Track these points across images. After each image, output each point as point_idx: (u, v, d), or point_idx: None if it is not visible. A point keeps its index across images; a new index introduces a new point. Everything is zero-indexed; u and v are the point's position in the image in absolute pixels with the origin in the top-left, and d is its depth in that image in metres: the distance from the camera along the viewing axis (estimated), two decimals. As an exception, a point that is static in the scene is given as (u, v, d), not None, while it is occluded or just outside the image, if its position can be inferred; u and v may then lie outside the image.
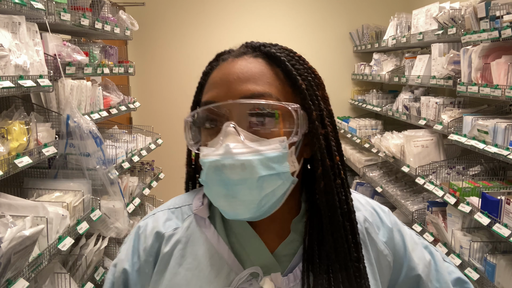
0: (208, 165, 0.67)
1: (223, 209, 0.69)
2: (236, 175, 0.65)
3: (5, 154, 1.72)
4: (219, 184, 0.67)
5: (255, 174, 0.65)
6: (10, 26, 1.85)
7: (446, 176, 2.72)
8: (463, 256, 2.43)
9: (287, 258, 0.75)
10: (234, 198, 0.67)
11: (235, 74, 0.71)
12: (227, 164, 0.65)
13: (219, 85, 0.72)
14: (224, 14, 4.73)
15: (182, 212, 0.80)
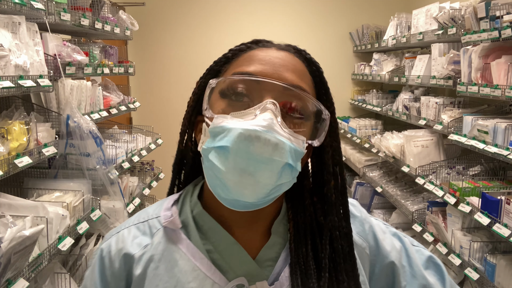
0: (240, 132, 0.60)
1: (230, 184, 0.62)
2: (266, 153, 0.60)
3: (5, 154, 1.72)
4: (242, 155, 0.60)
5: (284, 159, 0.62)
6: (10, 26, 1.85)
7: (446, 176, 2.72)
8: (463, 256, 2.43)
9: (270, 263, 0.71)
10: (251, 176, 0.61)
11: (283, 60, 0.69)
12: (262, 138, 0.60)
13: (265, 62, 0.68)
14: (224, 13, 4.73)
15: (149, 226, 0.73)
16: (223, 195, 0.65)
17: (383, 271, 0.78)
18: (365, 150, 4.33)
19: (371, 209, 3.96)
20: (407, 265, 0.78)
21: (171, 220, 0.72)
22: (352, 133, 4.38)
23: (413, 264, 0.78)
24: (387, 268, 0.78)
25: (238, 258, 0.69)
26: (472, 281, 2.39)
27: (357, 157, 4.32)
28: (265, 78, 0.66)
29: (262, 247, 0.71)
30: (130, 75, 3.45)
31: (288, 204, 0.76)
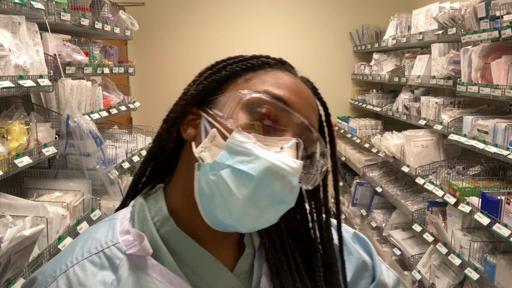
0: (269, 166, 0.57)
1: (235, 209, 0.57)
2: (284, 194, 0.58)
3: (5, 154, 1.71)
4: (263, 189, 0.57)
5: (293, 203, 0.61)
6: (10, 26, 1.85)
7: (446, 176, 2.72)
8: (463, 256, 2.43)
9: (245, 275, 0.68)
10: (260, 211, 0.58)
11: (309, 98, 0.67)
12: (287, 179, 0.58)
13: (296, 93, 0.65)
14: (224, 13, 4.73)
15: (108, 257, 0.60)
16: (220, 217, 0.58)
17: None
18: (365, 150, 4.33)
19: (371, 209, 3.96)
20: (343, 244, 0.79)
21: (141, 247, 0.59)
22: (352, 133, 4.38)
23: (346, 242, 0.79)
24: None
25: (219, 276, 0.64)
26: (472, 281, 2.39)
27: (357, 157, 4.32)
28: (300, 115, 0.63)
29: (236, 260, 0.68)
30: (130, 75, 3.45)
31: None
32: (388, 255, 3.45)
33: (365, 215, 4.04)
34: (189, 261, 0.63)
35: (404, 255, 3.20)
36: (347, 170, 4.78)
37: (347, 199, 4.68)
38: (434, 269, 2.78)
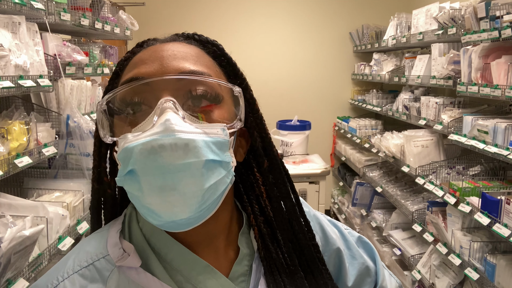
0: (140, 149, 0.52)
1: (156, 208, 0.53)
2: (178, 159, 0.52)
3: (5, 154, 1.72)
4: (154, 172, 0.52)
5: (201, 157, 0.53)
6: (10, 26, 1.85)
7: (446, 176, 2.72)
8: (463, 256, 2.43)
9: (243, 278, 0.65)
10: (173, 191, 0.52)
11: (169, 51, 0.61)
12: (167, 144, 0.52)
13: (149, 61, 0.60)
14: (224, 13, 4.73)
15: (97, 269, 0.60)
16: (156, 221, 0.55)
17: (331, 257, 0.77)
18: (365, 150, 4.33)
19: (371, 209, 3.96)
20: (346, 248, 0.79)
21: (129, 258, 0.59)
22: (352, 133, 4.38)
23: (351, 246, 0.79)
24: (334, 254, 0.77)
25: (213, 281, 0.62)
26: (472, 281, 2.39)
27: (357, 157, 4.33)
28: (152, 78, 0.57)
29: (230, 263, 0.65)
30: (130, 75, 3.45)
31: (247, 210, 0.70)
32: (388, 255, 3.45)
33: (365, 215, 4.04)
34: (181, 268, 0.62)
35: (404, 255, 3.20)
36: (347, 170, 4.78)
37: (347, 199, 4.68)
38: (434, 269, 2.78)
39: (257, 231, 0.68)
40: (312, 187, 3.43)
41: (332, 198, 5.19)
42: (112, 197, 0.69)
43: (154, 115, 0.55)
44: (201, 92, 0.59)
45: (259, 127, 0.68)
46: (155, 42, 0.66)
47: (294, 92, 4.81)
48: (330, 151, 5.14)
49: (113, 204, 0.69)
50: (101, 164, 0.67)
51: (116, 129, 0.60)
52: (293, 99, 4.79)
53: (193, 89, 0.58)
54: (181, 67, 0.59)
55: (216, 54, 0.66)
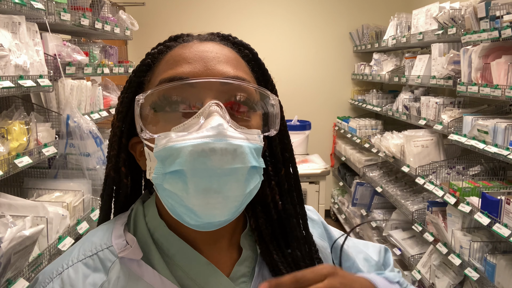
0: (191, 150, 0.53)
1: (198, 209, 0.55)
2: (227, 163, 0.53)
3: (5, 154, 1.71)
4: (201, 174, 0.53)
5: (247, 163, 0.55)
6: (10, 26, 1.85)
7: (446, 176, 2.72)
8: (463, 256, 2.43)
9: (244, 279, 0.65)
10: (217, 194, 0.54)
11: (213, 53, 0.60)
12: (218, 148, 0.53)
13: (192, 60, 0.59)
14: (224, 14, 4.73)
15: (101, 259, 0.61)
16: (193, 222, 0.57)
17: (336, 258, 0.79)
18: (365, 150, 4.33)
19: (371, 209, 3.96)
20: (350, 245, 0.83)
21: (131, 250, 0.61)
22: (352, 133, 4.38)
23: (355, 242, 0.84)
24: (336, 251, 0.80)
25: (213, 279, 0.62)
26: (472, 281, 2.39)
27: (357, 157, 4.33)
28: (199, 79, 0.57)
29: (233, 264, 0.66)
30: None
31: (249, 213, 0.71)
32: (388, 255, 3.45)
33: (365, 215, 4.04)
34: (182, 264, 0.63)
35: (404, 255, 3.20)
36: (347, 170, 4.78)
37: (347, 199, 4.68)
38: (434, 269, 2.78)
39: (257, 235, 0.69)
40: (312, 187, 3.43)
41: (332, 198, 5.19)
42: (126, 186, 0.70)
43: (201, 116, 0.56)
44: (243, 98, 0.60)
45: (282, 133, 0.69)
46: (191, 38, 0.65)
47: (294, 92, 4.81)
48: (330, 151, 5.14)
49: (126, 194, 0.70)
50: (120, 154, 0.68)
51: (151, 126, 0.59)
52: (293, 99, 4.79)
53: (237, 95, 0.59)
54: (226, 72, 0.59)
55: (249, 58, 0.67)
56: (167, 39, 0.67)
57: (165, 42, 0.66)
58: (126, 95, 0.66)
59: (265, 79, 0.68)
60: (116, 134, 0.68)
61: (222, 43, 0.65)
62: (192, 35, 0.67)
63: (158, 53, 0.65)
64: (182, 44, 0.64)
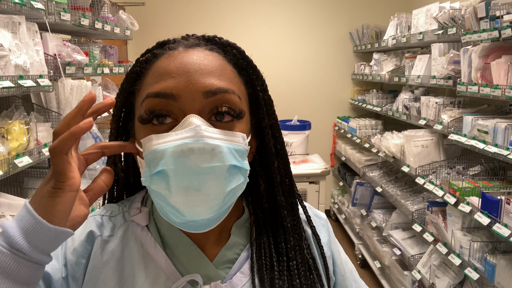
0: (172, 151, 0.57)
1: (180, 207, 0.59)
2: (205, 162, 0.57)
3: (5, 154, 1.72)
4: (182, 173, 0.57)
5: (225, 162, 0.58)
6: (10, 26, 1.85)
7: (446, 176, 2.72)
8: (463, 256, 2.43)
9: (229, 265, 0.70)
10: (198, 192, 0.57)
11: (195, 65, 0.63)
12: (195, 148, 0.57)
13: (176, 74, 0.62)
14: (224, 14, 4.73)
15: (117, 219, 0.72)
16: (178, 220, 0.61)
17: None
18: (365, 150, 4.33)
19: (371, 209, 3.96)
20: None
21: (139, 215, 0.71)
22: (352, 133, 4.38)
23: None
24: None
25: (195, 260, 0.68)
26: (472, 281, 2.39)
27: (357, 157, 4.33)
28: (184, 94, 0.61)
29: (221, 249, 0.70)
30: (130, 75, 3.45)
31: (248, 198, 0.76)
32: (388, 255, 3.46)
33: (365, 215, 4.04)
34: (170, 243, 0.69)
35: (404, 255, 3.20)
36: (347, 170, 4.78)
37: (347, 199, 4.68)
38: (434, 269, 2.78)
39: (253, 219, 0.74)
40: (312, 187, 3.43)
41: (332, 198, 5.19)
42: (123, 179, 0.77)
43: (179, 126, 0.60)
44: (225, 109, 0.63)
45: (274, 127, 0.73)
46: (177, 45, 0.67)
47: (294, 92, 4.81)
48: (330, 151, 5.14)
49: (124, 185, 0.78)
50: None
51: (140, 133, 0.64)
52: (293, 99, 4.79)
53: (219, 106, 0.62)
54: (209, 84, 0.62)
55: (237, 57, 0.68)
56: (154, 45, 0.71)
57: (152, 49, 0.70)
58: (119, 100, 0.71)
59: (255, 75, 0.70)
60: (113, 134, 0.74)
61: (208, 48, 0.66)
62: (178, 40, 0.70)
63: (145, 61, 0.68)
64: (168, 52, 0.66)
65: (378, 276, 3.61)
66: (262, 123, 0.71)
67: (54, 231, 0.54)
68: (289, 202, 0.74)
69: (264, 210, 0.74)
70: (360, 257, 4.06)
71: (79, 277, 0.66)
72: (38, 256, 0.54)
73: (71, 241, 0.68)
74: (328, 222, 0.85)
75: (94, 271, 0.66)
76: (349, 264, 0.84)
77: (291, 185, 0.75)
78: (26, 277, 0.53)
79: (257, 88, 0.70)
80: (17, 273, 0.52)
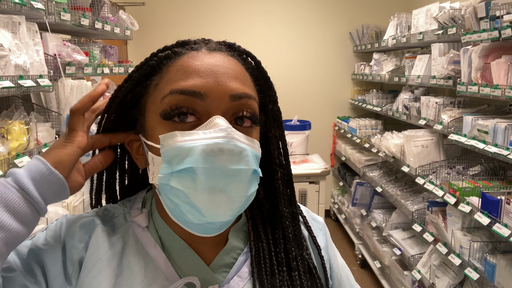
0: (202, 149, 0.56)
1: (202, 207, 0.57)
2: (233, 164, 0.57)
3: (5, 154, 1.72)
4: (210, 172, 0.56)
5: (250, 165, 0.59)
6: (10, 26, 1.85)
7: (446, 176, 2.72)
8: (463, 256, 2.43)
9: (226, 269, 0.69)
10: (223, 193, 0.57)
11: (223, 68, 0.63)
12: (226, 149, 0.57)
13: (204, 74, 0.62)
14: (224, 14, 4.73)
15: (118, 220, 0.72)
16: (196, 221, 0.59)
17: None
18: (365, 150, 4.33)
19: (371, 209, 3.96)
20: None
21: (139, 216, 0.70)
22: (352, 133, 4.38)
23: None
24: None
25: (192, 264, 0.67)
26: (472, 281, 2.39)
27: (357, 157, 4.33)
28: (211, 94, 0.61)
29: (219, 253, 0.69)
30: (130, 75, 3.45)
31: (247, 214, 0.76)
32: (388, 255, 3.46)
33: (365, 215, 4.04)
34: (167, 245, 0.68)
35: (404, 255, 3.20)
36: (347, 170, 4.78)
37: (347, 199, 4.68)
38: (434, 269, 2.78)
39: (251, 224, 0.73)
40: (312, 187, 3.43)
41: (332, 198, 5.19)
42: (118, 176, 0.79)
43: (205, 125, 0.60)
44: (248, 114, 0.64)
45: (280, 138, 0.75)
46: (199, 47, 0.68)
47: (294, 92, 4.81)
48: (330, 151, 5.14)
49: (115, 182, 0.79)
50: None
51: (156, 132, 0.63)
52: (293, 99, 4.79)
53: (242, 110, 0.64)
54: (235, 88, 0.63)
55: (253, 67, 0.70)
56: (174, 44, 0.70)
57: (172, 47, 0.68)
58: (122, 89, 0.69)
59: (267, 86, 0.72)
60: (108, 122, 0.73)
61: (229, 54, 0.67)
62: (199, 42, 0.70)
63: (165, 57, 0.66)
64: (190, 52, 0.66)
65: (378, 276, 3.61)
66: (269, 133, 0.73)
67: (58, 181, 0.60)
68: (290, 211, 0.75)
69: (263, 217, 0.74)
70: (360, 257, 4.06)
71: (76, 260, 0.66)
72: (40, 202, 0.60)
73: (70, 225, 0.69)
74: (325, 226, 0.84)
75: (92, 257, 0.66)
76: (345, 268, 0.84)
77: (293, 195, 0.76)
78: (25, 219, 0.59)
79: (268, 99, 0.72)
80: (20, 210, 0.58)
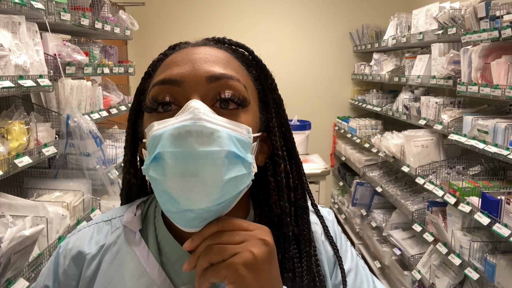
0: (169, 134, 0.55)
1: (175, 194, 0.55)
2: (202, 146, 0.54)
3: (5, 154, 1.71)
4: (178, 157, 0.54)
5: (224, 147, 0.55)
6: (10, 26, 1.85)
7: (446, 176, 2.72)
8: (463, 256, 2.43)
9: None
10: (194, 178, 0.53)
11: (201, 54, 0.64)
12: (193, 131, 0.54)
13: (181, 62, 0.63)
14: (224, 14, 4.73)
15: (111, 225, 0.71)
16: (173, 209, 0.57)
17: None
18: (365, 150, 4.33)
19: (371, 209, 3.96)
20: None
21: (131, 220, 0.69)
22: (352, 133, 4.38)
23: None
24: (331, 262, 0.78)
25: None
26: (472, 281, 2.39)
27: (357, 157, 4.33)
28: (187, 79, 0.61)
29: None
30: (130, 75, 3.45)
31: (256, 211, 0.71)
32: (388, 255, 3.46)
33: (365, 215, 4.04)
34: (166, 251, 0.68)
35: (404, 255, 3.20)
36: (347, 170, 4.78)
37: (347, 199, 4.68)
38: (434, 269, 2.78)
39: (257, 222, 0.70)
40: (312, 187, 3.43)
41: (332, 198, 5.19)
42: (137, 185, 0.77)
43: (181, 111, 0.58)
44: (229, 95, 0.62)
45: (284, 127, 0.71)
46: (187, 45, 0.70)
47: (294, 92, 4.81)
48: (330, 151, 5.14)
49: (138, 192, 0.78)
50: (132, 158, 0.76)
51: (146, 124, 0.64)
52: (293, 99, 4.79)
53: (222, 92, 0.61)
54: (211, 70, 0.62)
55: (246, 56, 0.70)
56: (167, 49, 0.73)
57: (164, 52, 0.72)
58: (133, 103, 0.73)
59: (264, 74, 0.71)
60: (128, 140, 0.75)
61: (216, 46, 0.68)
62: (189, 42, 0.72)
63: (157, 61, 0.70)
64: (177, 51, 0.68)
65: (378, 276, 3.61)
66: (270, 123, 0.69)
67: None
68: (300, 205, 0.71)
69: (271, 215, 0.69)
70: (360, 257, 4.05)
71: None
72: None
73: (63, 260, 0.69)
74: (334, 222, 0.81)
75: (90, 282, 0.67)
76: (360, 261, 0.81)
77: (303, 188, 0.71)
78: None
79: (266, 87, 0.70)
80: None
